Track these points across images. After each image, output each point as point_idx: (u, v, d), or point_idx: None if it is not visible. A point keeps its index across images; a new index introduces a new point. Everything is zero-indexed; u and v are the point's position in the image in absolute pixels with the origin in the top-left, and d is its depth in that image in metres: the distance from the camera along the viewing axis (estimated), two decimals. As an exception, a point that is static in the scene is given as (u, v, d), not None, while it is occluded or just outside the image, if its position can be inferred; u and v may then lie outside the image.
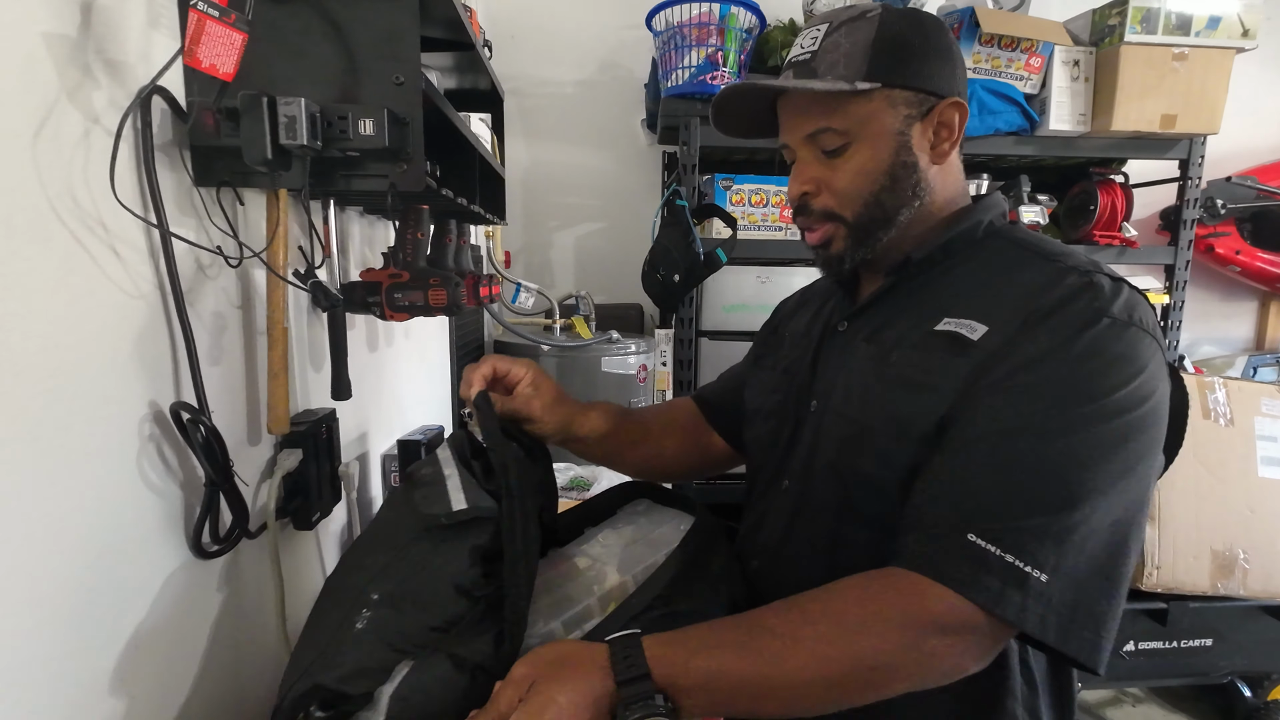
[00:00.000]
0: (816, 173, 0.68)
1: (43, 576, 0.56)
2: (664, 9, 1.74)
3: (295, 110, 0.70)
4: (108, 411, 0.63)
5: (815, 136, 0.67)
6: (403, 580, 0.62)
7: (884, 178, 0.66)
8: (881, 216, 0.67)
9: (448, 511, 0.63)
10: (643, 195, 2.56)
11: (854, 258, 0.69)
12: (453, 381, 2.01)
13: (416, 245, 1.02)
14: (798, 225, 0.73)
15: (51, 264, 0.57)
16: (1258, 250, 2.42)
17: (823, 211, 0.69)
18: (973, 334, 0.60)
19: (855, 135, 0.65)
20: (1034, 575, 0.50)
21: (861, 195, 0.67)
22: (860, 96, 0.64)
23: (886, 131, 0.65)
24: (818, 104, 0.65)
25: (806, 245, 0.73)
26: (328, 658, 0.58)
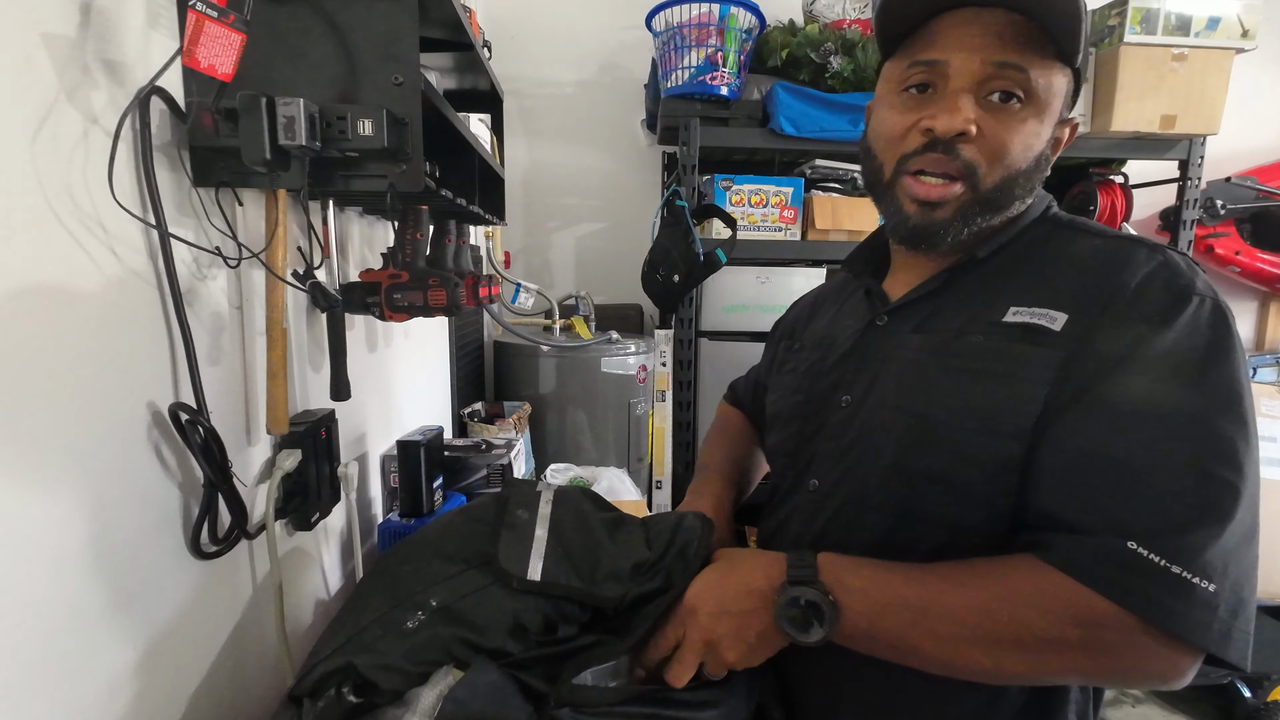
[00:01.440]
0: (980, 118, 0.58)
1: (41, 578, 0.56)
2: (664, 9, 1.74)
3: (294, 110, 0.70)
4: (106, 412, 0.63)
5: (1004, 70, 0.57)
6: (466, 599, 0.61)
7: (1033, 160, 0.59)
8: (1005, 198, 0.60)
9: (521, 578, 0.62)
10: (642, 195, 2.56)
11: (955, 235, 0.62)
12: (452, 382, 2.00)
13: (416, 246, 1.02)
14: (917, 165, 0.61)
15: (50, 264, 0.57)
16: (1257, 251, 2.42)
17: (966, 163, 0.59)
18: (1053, 324, 0.56)
19: (1034, 98, 0.58)
20: (1201, 586, 0.47)
21: (1013, 165, 0.59)
22: (1059, 62, 0.57)
23: (1054, 115, 0.59)
24: (1023, 40, 0.56)
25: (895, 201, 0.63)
26: (367, 643, 0.58)
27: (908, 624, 0.54)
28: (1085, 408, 0.53)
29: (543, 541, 0.65)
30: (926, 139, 0.60)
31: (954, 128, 0.58)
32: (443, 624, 0.59)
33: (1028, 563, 0.53)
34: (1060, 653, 0.50)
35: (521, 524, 0.67)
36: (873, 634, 0.55)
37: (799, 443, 0.73)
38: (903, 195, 0.63)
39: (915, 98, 0.61)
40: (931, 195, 0.60)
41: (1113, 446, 0.51)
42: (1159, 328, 0.52)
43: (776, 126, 1.80)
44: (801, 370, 0.77)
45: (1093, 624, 0.49)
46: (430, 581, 0.62)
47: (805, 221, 1.96)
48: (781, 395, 0.80)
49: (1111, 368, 0.53)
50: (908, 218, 0.63)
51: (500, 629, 0.59)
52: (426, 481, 1.26)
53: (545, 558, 0.63)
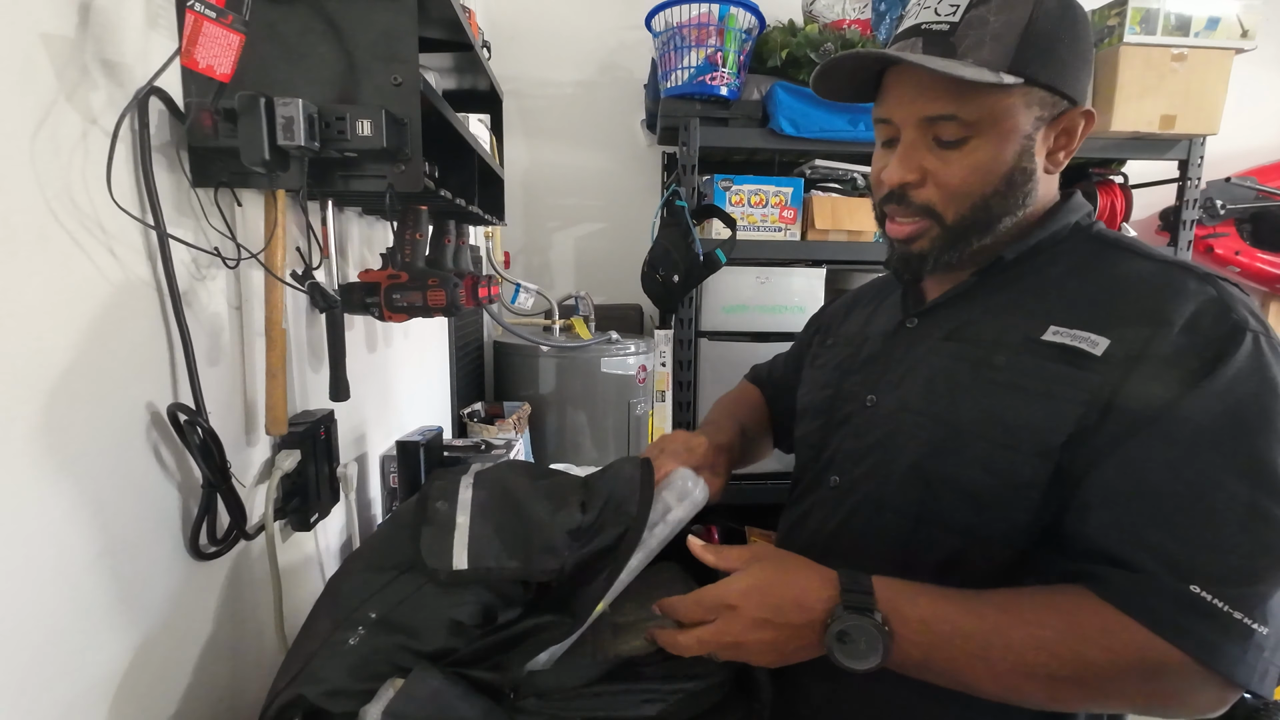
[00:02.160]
0: (925, 161, 0.61)
1: (40, 578, 0.56)
2: (663, 10, 1.74)
3: (293, 111, 0.70)
4: (104, 413, 0.63)
5: (934, 122, 0.59)
6: (401, 605, 0.60)
7: (999, 181, 0.60)
8: (984, 221, 0.62)
9: (448, 570, 0.60)
10: (642, 196, 2.56)
11: (939, 261, 0.64)
12: (452, 382, 2.00)
13: (415, 246, 1.02)
14: (882, 211, 0.67)
15: (49, 265, 0.57)
16: (1257, 251, 2.42)
17: (921, 206, 0.62)
18: (1094, 348, 0.56)
19: (980, 130, 0.58)
20: (1258, 631, 0.48)
21: (971, 197, 0.61)
22: (998, 89, 0.57)
23: (1015, 132, 0.59)
24: (946, 86, 0.58)
25: (885, 235, 0.68)
26: (313, 670, 0.57)
27: (965, 657, 0.53)
28: (1139, 444, 0.52)
29: (464, 528, 0.63)
30: (886, 190, 0.65)
31: (894, 180, 0.63)
32: (382, 635, 0.58)
33: (1086, 599, 0.52)
34: (1120, 690, 0.51)
35: (441, 516, 0.65)
36: (926, 665, 0.54)
37: (822, 436, 0.74)
38: (887, 235, 0.68)
39: (885, 150, 0.66)
40: (900, 234, 0.65)
41: (1169, 485, 0.51)
42: (1212, 364, 0.52)
43: (776, 127, 1.80)
44: (831, 366, 0.78)
45: (1157, 666, 0.49)
46: (365, 595, 0.61)
47: (805, 221, 1.96)
48: (811, 389, 0.81)
49: (1162, 404, 0.52)
50: (894, 253, 0.68)
51: (438, 628, 0.58)
52: (426, 482, 1.26)
53: (471, 544, 0.62)
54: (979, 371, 0.61)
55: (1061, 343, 0.57)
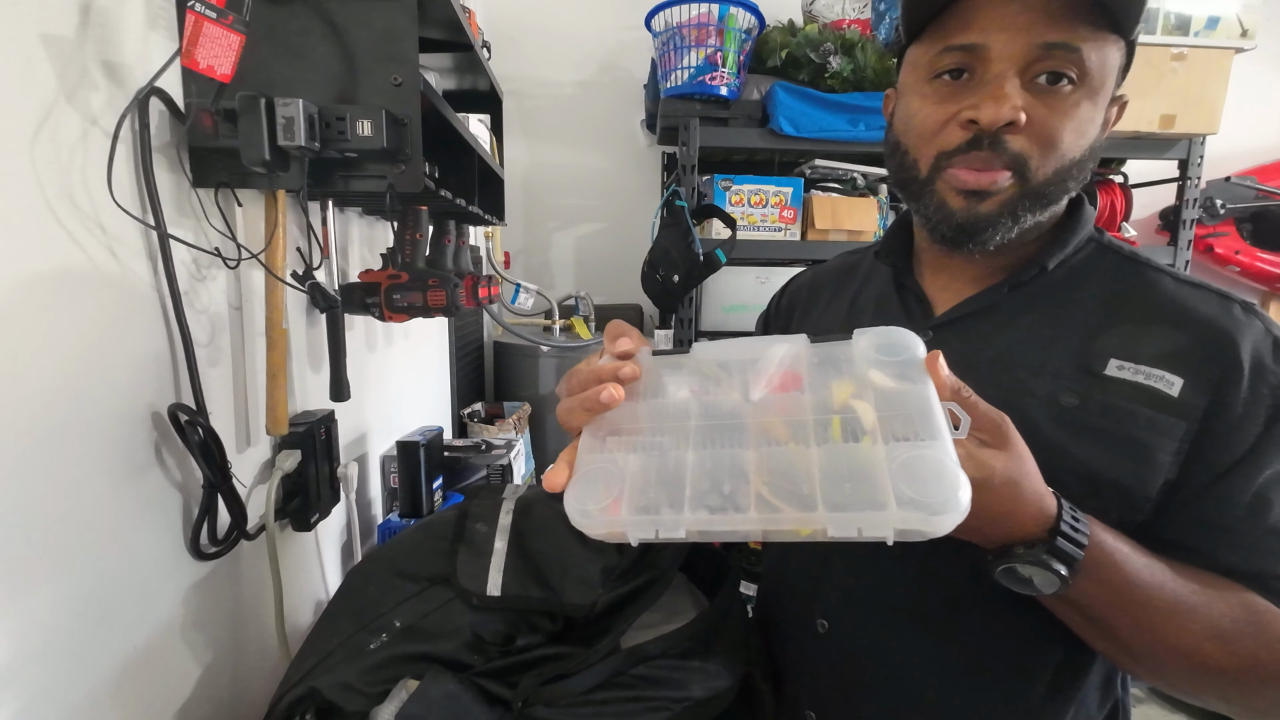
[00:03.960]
0: (1028, 105, 0.51)
1: (40, 578, 0.56)
2: (663, 10, 1.74)
3: (293, 111, 0.70)
4: (105, 413, 0.63)
5: (1053, 51, 0.50)
6: (428, 618, 0.61)
7: (1087, 149, 0.53)
8: (1057, 193, 0.54)
9: (480, 595, 0.61)
10: (642, 196, 2.56)
11: (1003, 233, 0.55)
12: (452, 383, 2.00)
13: (415, 246, 1.02)
14: (960, 163, 0.54)
15: (49, 266, 0.57)
16: (1257, 250, 2.42)
17: (1015, 154, 0.52)
18: (1171, 389, 0.52)
19: (1089, 79, 0.51)
20: None
21: (1066, 155, 0.52)
22: (1114, 37, 0.50)
23: (1107, 93, 0.53)
24: (1073, 14, 0.49)
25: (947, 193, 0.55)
26: (329, 666, 0.58)
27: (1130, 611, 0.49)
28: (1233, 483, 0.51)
29: (502, 554, 0.64)
30: (969, 133, 0.53)
31: (1001, 118, 0.50)
32: (404, 644, 0.59)
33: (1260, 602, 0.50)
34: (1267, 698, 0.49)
35: (479, 538, 0.66)
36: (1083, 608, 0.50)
37: None
38: (945, 189, 0.56)
39: (950, 85, 0.54)
40: (982, 182, 0.53)
41: None
42: None
43: (776, 126, 1.80)
44: None
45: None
46: (394, 602, 0.62)
47: (805, 221, 1.96)
48: None
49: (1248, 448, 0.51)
50: (952, 213, 0.55)
51: (459, 644, 0.59)
52: (426, 482, 1.26)
53: (505, 571, 0.63)
54: (1050, 410, 0.54)
55: (1134, 381, 0.53)
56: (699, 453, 0.44)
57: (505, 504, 0.70)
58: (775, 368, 0.49)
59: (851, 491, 0.40)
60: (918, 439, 0.41)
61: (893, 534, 0.38)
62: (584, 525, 0.42)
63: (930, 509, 0.38)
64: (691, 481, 0.42)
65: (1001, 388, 0.55)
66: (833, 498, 0.39)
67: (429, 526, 0.71)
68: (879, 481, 0.39)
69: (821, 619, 0.64)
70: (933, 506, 0.38)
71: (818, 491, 0.40)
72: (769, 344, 0.51)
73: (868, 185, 2.01)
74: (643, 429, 0.47)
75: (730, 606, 0.68)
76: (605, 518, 0.42)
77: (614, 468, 0.44)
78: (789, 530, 0.40)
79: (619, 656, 0.60)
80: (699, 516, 0.40)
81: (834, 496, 0.40)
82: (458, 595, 0.62)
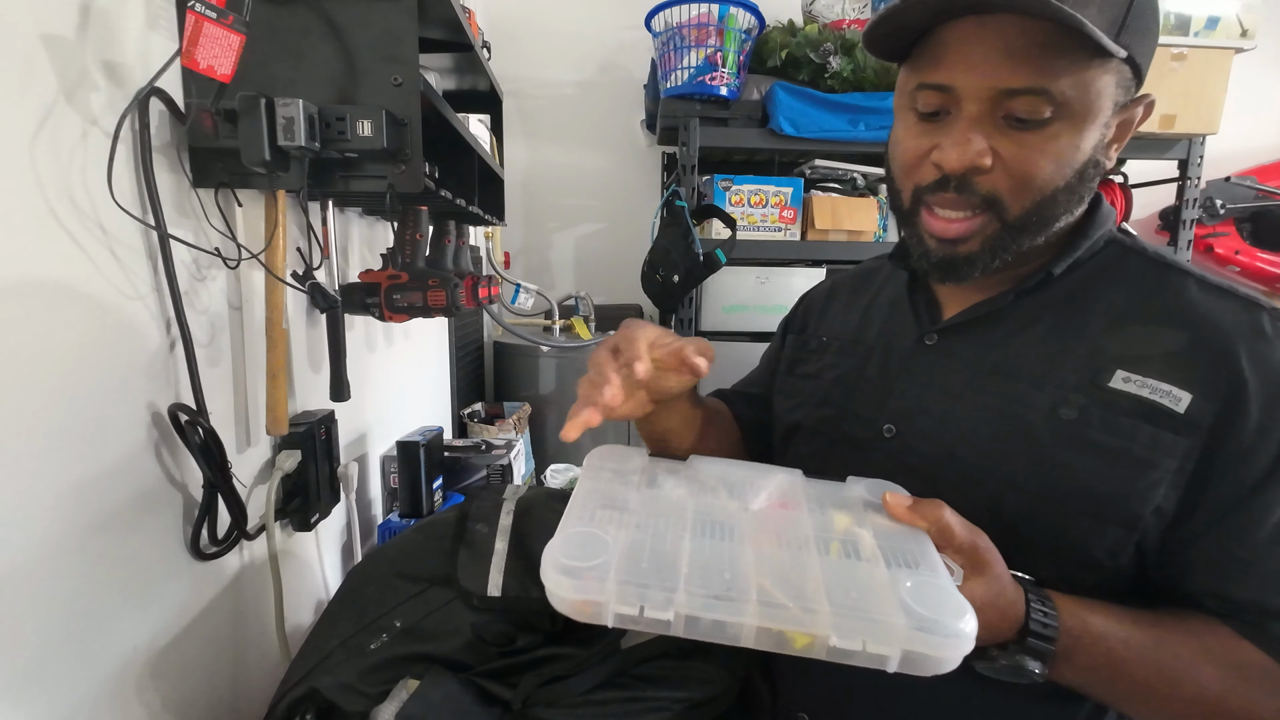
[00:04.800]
0: (994, 142, 0.50)
1: (40, 578, 0.56)
2: (663, 10, 1.75)
3: (293, 111, 0.70)
4: (105, 413, 0.63)
5: (1014, 96, 0.48)
6: (428, 619, 0.61)
7: (1073, 174, 0.51)
8: (1044, 221, 0.53)
9: (481, 595, 0.61)
10: (642, 196, 2.56)
11: (988, 267, 0.54)
12: (452, 383, 2.00)
13: (415, 246, 1.02)
14: (932, 202, 0.54)
15: (50, 266, 0.57)
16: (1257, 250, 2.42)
17: (986, 196, 0.51)
18: (1177, 405, 0.50)
19: (1067, 110, 0.49)
20: None
21: (1043, 190, 0.51)
22: (1100, 60, 0.48)
23: (1099, 116, 0.50)
24: (1037, 52, 0.47)
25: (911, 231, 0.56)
26: (329, 666, 0.58)
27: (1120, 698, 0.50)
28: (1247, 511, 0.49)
29: (502, 555, 0.64)
30: (938, 174, 0.53)
31: (963, 164, 0.51)
32: (404, 644, 0.59)
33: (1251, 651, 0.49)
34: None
35: (480, 539, 0.66)
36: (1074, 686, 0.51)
37: (825, 461, 0.64)
38: (922, 228, 0.56)
39: (926, 121, 0.54)
40: (949, 233, 0.53)
41: None
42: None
43: (776, 126, 1.80)
44: (829, 379, 0.68)
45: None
46: (395, 602, 0.62)
47: (805, 221, 1.96)
48: (802, 403, 0.69)
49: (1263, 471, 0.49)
50: (930, 253, 0.56)
51: (459, 644, 0.60)
52: (426, 482, 1.26)
53: (505, 572, 0.63)
54: (1049, 423, 0.53)
55: (1138, 395, 0.51)
56: (696, 542, 0.42)
57: (506, 505, 0.70)
58: (773, 489, 0.50)
59: (858, 599, 0.38)
60: (919, 570, 0.41)
61: (898, 655, 0.36)
62: (561, 589, 0.38)
63: (943, 632, 0.36)
64: (688, 563, 0.39)
65: (1002, 398, 0.55)
66: (839, 601, 0.37)
67: (429, 527, 0.71)
68: (886, 597, 0.38)
69: None
70: (945, 629, 0.36)
71: (823, 592, 0.38)
72: (766, 470, 0.52)
73: (867, 185, 2.02)
74: (636, 511, 0.45)
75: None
76: (587, 584, 0.38)
77: (603, 536, 0.41)
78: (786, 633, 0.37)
79: (619, 657, 0.60)
80: (694, 600, 0.37)
81: (840, 600, 0.37)
82: (458, 596, 0.62)
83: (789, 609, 0.37)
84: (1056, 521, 0.52)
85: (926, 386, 0.59)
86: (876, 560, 0.41)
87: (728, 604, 0.37)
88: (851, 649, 0.36)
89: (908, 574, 0.40)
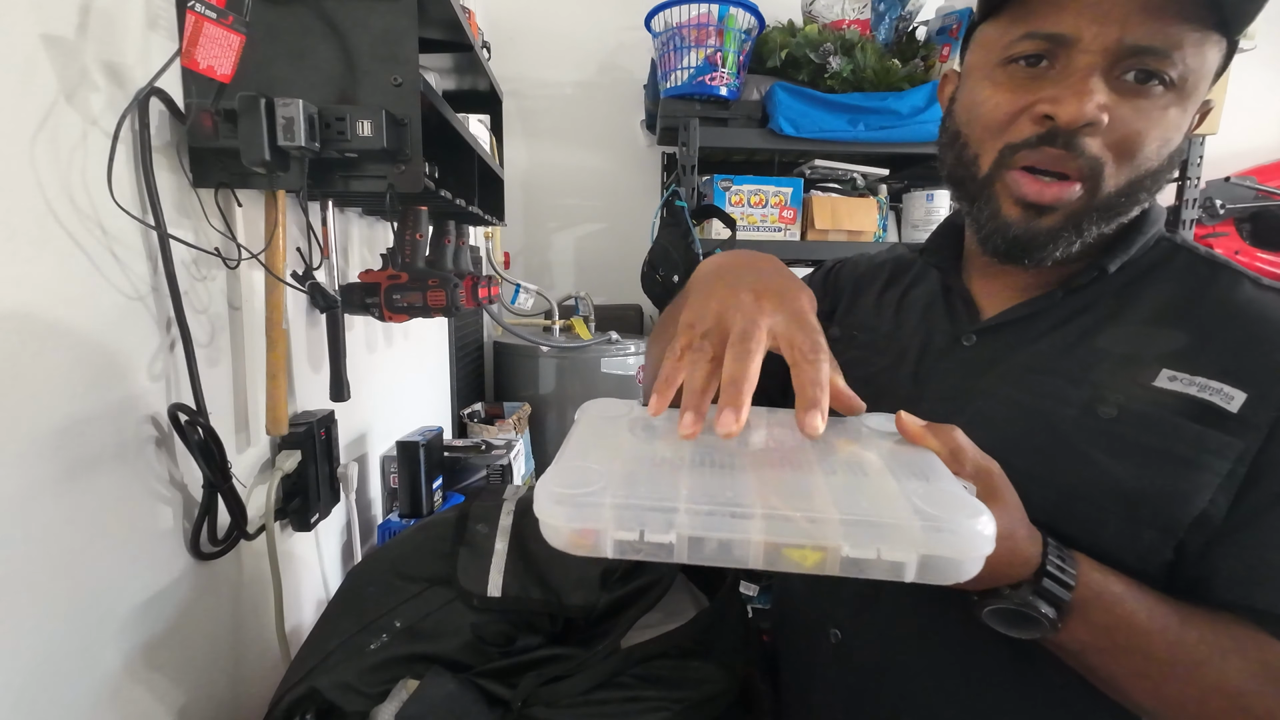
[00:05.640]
0: (1112, 103, 0.46)
1: (40, 578, 0.56)
2: (663, 10, 1.74)
3: (293, 111, 0.70)
4: (105, 413, 0.63)
5: (1140, 54, 0.45)
6: (428, 619, 0.61)
7: (1167, 156, 0.49)
8: (1127, 207, 0.50)
9: (481, 596, 0.62)
10: (642, 196, 2.56)
11: (1062, 249, 0.51)
12: (452, 383, 2.00)
13: (415, 246, 1.02)
14: (1030, 160, 0.49)
15: (49, 266, 0.57)
16: (1256, 250, 2.42)
17: (1092, 159, 0.48)
18: (1229, 404, 0.47)
19: (1183, 83, 0.46)
20: None
21: (1144, 164, 0.48)
22: (1216, 36, 0.46)
23: (1199, 96, 0.48)
24: (1177, 10, 0.45)
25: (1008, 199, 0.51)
26: (330, 666, 0.58)
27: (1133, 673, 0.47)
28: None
29: (502, 555, 0.64)
30: (1043, 128, 0.48)
31: (1083, 116, 0.46)
32: (405, 644, 0.59)
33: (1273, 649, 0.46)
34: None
35: (480, 539, 0.66)
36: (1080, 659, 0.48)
37: None
38: (1004, 195, 0.51)
39: (1025, 73, 0.49)
40: (1045, 197, 0.49)
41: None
42: None
43: (776, 127, 1.80)
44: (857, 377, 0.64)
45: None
46: (395, 602, 0.62)
47: (805, 222, 1.96)
48: None
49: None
50: (1008, 225, 0.51)
51: (459, 645, 0.60)
52: (426, 482, 1.26)
53: (506, 572, 0.63)
54: (1084, 420, 0.50)
55: (1187, 394, 0.48)
56: (695, 471, 0.40)
57: (506, 505, 0.70)
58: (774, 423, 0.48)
59: (869, 508, 0.36)
60: (930, 481, 0.39)
61: (915, 560, 0.34)
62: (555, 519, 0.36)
63: (960, 530, 0.34)
64: (688, 488, 0.37)
65: (1033, 394, 0.52)
66: (849, 510, 0.35)
67: (429, 527, 0.71)
68: (898, 504, 0.36)
69: (834, 629, 0.63)
70: (961, 528, 0.34)
71: (831, 504, 0.36)
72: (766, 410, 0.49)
73: (867, 185, 2.02)
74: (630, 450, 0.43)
75: (730, 606, 0.68)
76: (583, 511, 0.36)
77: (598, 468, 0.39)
78: (796, 547, 0.35)
79: (618, 657, 0.60)
80: (696, 520, 0.35)
81: (850, 509, 0.35)
82: (458, 596, 0.62)
83: (796, 520, 0.35)
84: (1089, 522, 0.50)
85: (968, 393, 0.56)
86: (885, 475, 0.39)
87: (732, 521, 0.35)
88: (865, 558, 0.35)
89: (919, 484, 0.38)
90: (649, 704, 0.59)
